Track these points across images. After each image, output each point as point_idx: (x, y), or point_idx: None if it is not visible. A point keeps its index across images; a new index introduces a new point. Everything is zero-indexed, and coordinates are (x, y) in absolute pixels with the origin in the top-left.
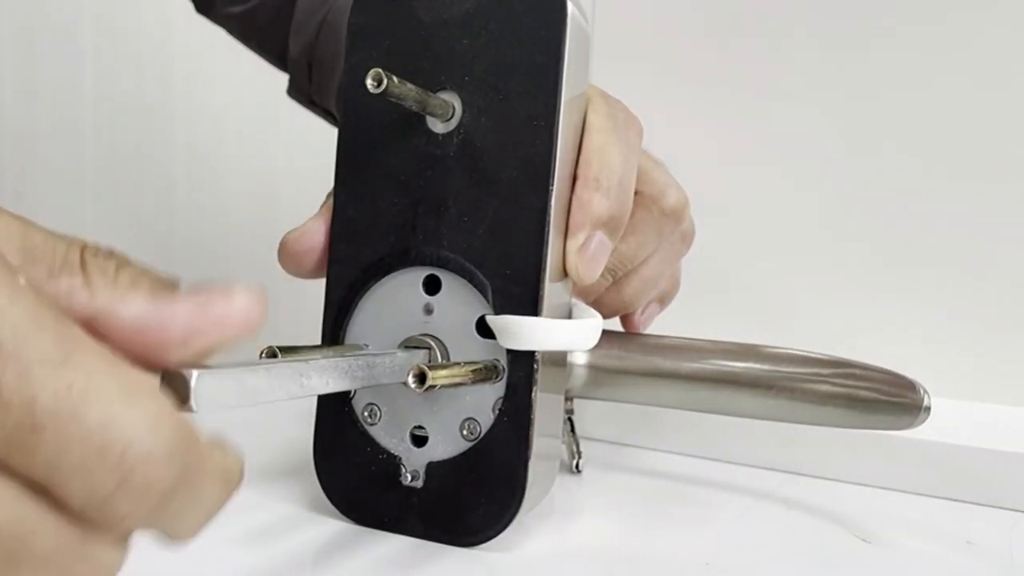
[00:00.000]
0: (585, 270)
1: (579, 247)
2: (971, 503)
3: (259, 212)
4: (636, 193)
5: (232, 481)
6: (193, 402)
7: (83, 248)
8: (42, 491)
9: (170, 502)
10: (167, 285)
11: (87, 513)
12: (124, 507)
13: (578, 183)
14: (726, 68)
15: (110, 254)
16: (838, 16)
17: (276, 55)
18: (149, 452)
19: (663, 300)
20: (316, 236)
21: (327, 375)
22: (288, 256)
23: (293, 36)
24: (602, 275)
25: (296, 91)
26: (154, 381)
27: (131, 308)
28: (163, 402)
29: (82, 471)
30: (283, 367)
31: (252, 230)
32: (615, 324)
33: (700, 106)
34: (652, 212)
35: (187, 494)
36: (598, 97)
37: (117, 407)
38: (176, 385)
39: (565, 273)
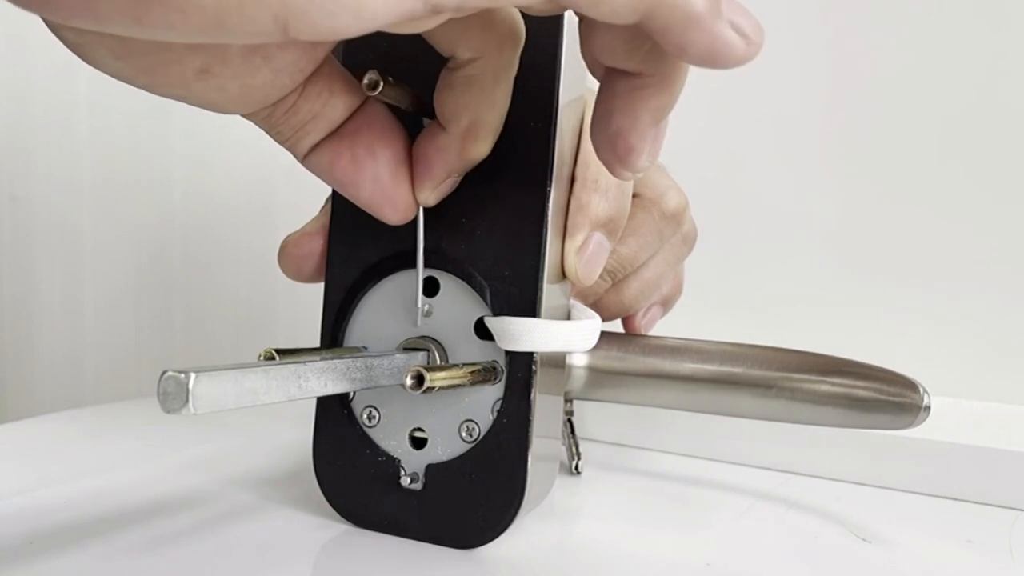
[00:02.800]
0: (584, 271)
1: (578, 248)
2: (971, 502)
3: (258, 215)
4: (636, 196)
5: None
6: (191, 404)
7: None
8: None
9: None
10: None
11: None
12: None
13: (576, 184)
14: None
15: None
16: (841, 15)
17: None
18: None
19: (666, 303)
20: (315, 239)
21: (325, 377)
22: (288, 260)
23: None
24: (602, 277)
25: None
26: None
27: None
28: None
29: None
30: (281, 369)
31: (251, 233)
32: (617, 326)
33: (699, 106)
34: (652, 214)
35: None
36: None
37: None
38: (174, 386)
39: (563, 275)
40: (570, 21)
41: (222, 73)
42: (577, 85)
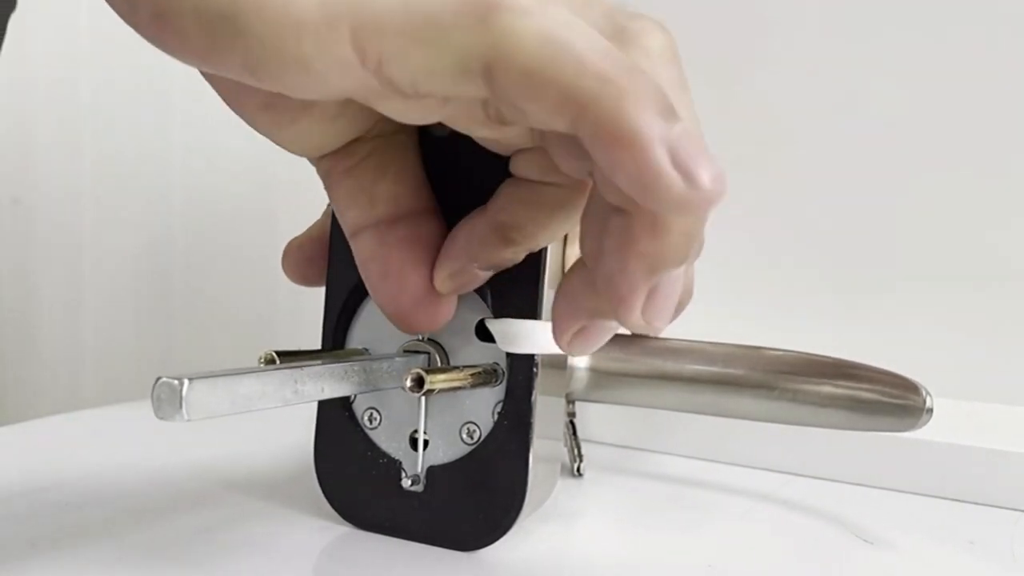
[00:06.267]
0: None
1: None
2: (972, 503)
3: (259, 217)
4: None
5: None
6: (184, 410)
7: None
8: None
9: None
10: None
11: None
12: None
13: None
14: (725, 68)
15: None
16: (840, 15)
17: None
18: None
19: (677, 307)
20: (319, 244)
21: (322, 381)
22: (291, 265)
23: None
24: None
25: None
26: None
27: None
28: None
29: None
30: (276, 374)
31: (252, 235)
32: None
33: (699, 107)
34: None
35: None
36: None
37: None
38: (167, 393)
39: None
40: None
41: (282, 111)
42: None
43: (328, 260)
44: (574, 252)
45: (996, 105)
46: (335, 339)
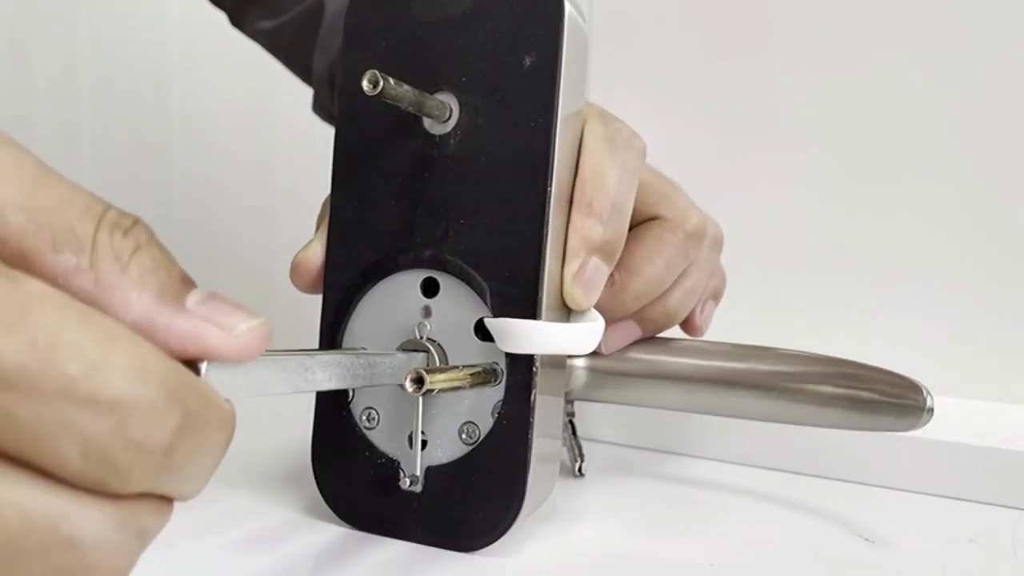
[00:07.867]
0: (581, 296)
1: (574, 273)
2: (973, 502)
3: (257, 216)
4: (658, 218)
5: (229, 425)
6: None
7: (100, 218)
8: (26, 465)
9: (175, 452)
10: (179, 282)
11: (85, 477)
12: (126, 461)
13: (572, 208)
14: (726, 70)
15: (130, 228)
16: (840, 20)
17: (303, 71)
18: (143, 396)
19: (716, 296)
20: (322, 254)
21: (330, 370)
22: (300, 275)
23: (318, 53)
24: (630, 304)
25: (319, 108)
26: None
27: (131, 310)
28: (147, 345)
29: (69, 428)
30: (290, 360)
31: (250, 234)
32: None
33: (700, 108)
34: (677, 235)
35: (191, 441)
36: (595, 117)
37: (94, 355)
38: None
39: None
40: (570, 18)
41: None
42: (577, 96)
43: (326, 261)
44: (570, 272)
45: (997, 106)
46: (332, 337)
